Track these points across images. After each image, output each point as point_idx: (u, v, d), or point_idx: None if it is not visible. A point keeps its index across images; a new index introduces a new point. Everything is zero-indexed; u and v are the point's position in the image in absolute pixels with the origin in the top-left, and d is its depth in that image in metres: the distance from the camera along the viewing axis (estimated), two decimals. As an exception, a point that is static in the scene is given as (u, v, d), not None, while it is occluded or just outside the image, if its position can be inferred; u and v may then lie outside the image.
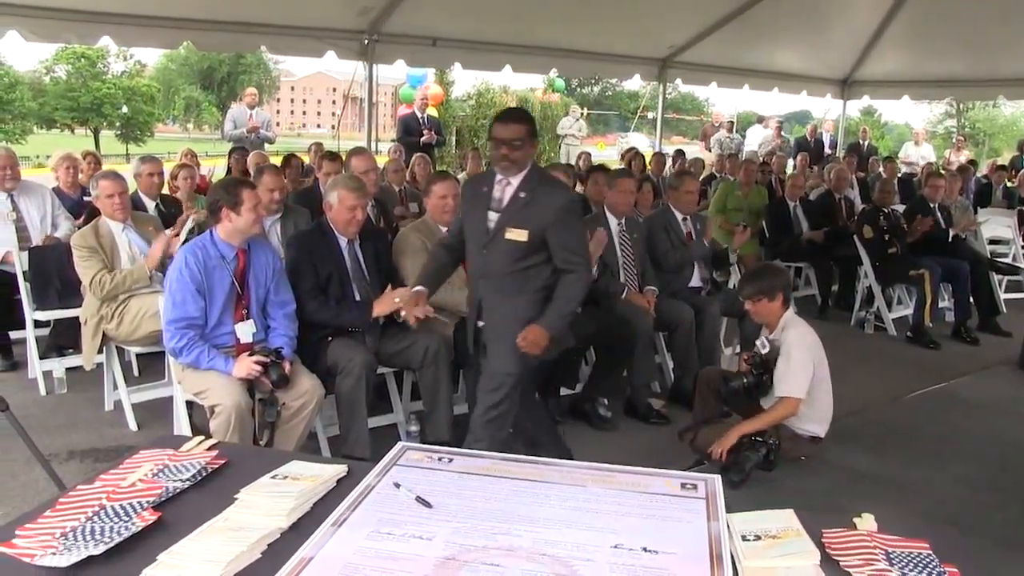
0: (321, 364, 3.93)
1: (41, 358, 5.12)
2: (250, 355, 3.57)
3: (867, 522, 1.82)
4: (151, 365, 5.26)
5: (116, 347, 4.66)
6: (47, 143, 29.33)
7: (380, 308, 4.00)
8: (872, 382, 5.59)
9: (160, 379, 4.84)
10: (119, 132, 44.32)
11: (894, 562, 1.63)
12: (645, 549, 1.70)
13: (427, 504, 1.89)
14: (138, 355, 5.25)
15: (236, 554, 1.66)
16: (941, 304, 7.24)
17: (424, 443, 4.18)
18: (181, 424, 3.95)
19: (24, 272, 5.00)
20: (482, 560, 1.66)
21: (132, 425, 4.60)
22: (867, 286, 7.23)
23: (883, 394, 5.36)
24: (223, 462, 2.13)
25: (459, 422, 4.26)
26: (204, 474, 2.06)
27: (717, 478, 2.04)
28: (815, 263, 7.52)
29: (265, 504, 1.87)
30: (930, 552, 1.67)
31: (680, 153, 11.89)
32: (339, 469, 2.08)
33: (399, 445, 2.25)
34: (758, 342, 4.05)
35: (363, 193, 4.19)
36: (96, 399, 4.90)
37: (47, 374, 5.12)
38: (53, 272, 4.98)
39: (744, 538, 1.73)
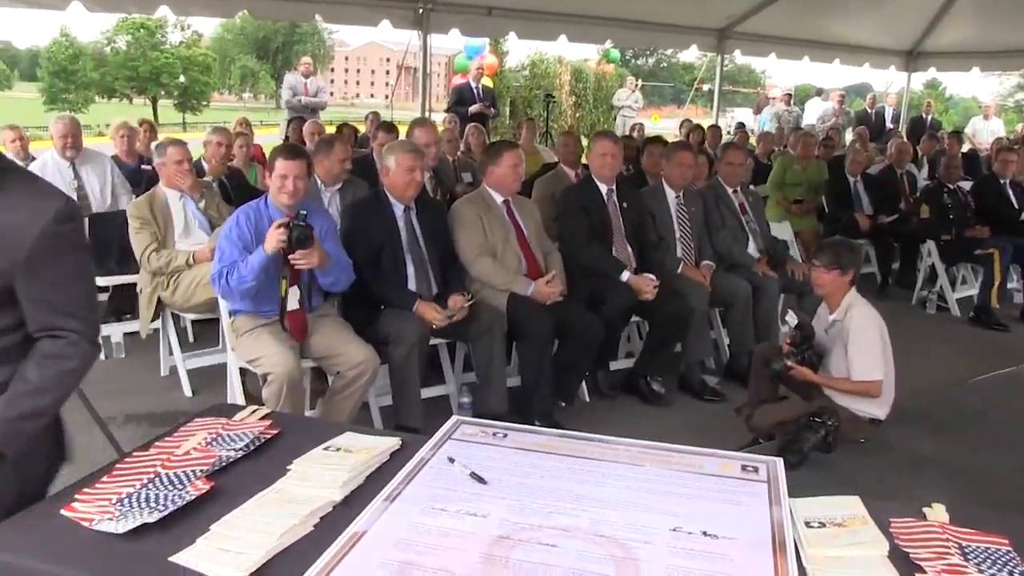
0: (374, 333, 3.91)
1: (101, 323, 5.18)
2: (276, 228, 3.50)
3: (938, 512, 1.74)
4: (206, 332, 5.30)
5: (172, 314, 4.71)
6: (108, 112, 29.77)
7: (423, 309, 3.95)
8: (934, 364, 5.42)
9: (215, 346, 4.88)
10: (176, 101, 44.82)
11: (969, 557, 1.56)
12: (705, 533, 1.65)
13: (482, 480, 1.86)
14: (194, 322, 5.30)
15: (289, 526, 1.65)
16: (1010, 285, 6.99)
17: (476, 415, 4.18)
18: (235, 391, 3.97)
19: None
20: (538, 540, 1.62)
21: (187, 391, 4.66)
22: (930, 264, 7.02)
23: (946, 377, 5.19)
24: (276, 432, 2.13)
25: (512, 394, 4.24)
26: (257, 444, 2.05)
27: (779, 461, 1.98)
28: (875, 240, 7.31)
29: (318, 476, 1.86)
30: (1010, 549, 1.59)
31: (740, 126, 11.66)
32: (392, 442, 2.06)
33: (453, 419, 2.22)
34: (814, 319, 3.94)
35: (420, 155, 4.14)
36: (153, 364, 4.97)
37: (106, 339, 5.18)
38: (113, 239, 5.03)
39: (808, 524, 1.68)
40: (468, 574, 1.51)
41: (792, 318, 3.86)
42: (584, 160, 5.60)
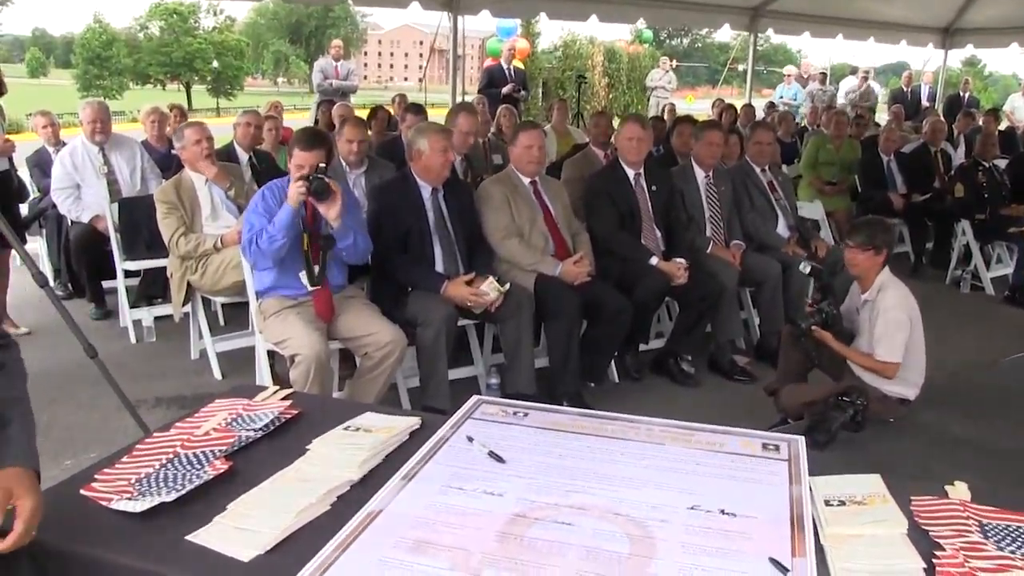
0: (401, 315, 3.92)
1: (131, 307, 5.27)
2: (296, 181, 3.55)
3: (960, 490, 1.72)
4: (237, 316, 5.35)
5: (202, 297, 4.76)
6: (141, 98, 30.05)
7: (454, 290, 3.96)
8: (968, 344, 5.34)
9: (245, 329, 4.92)
10: (210, 86, 45.20)
11: (989, 534, 1.54)
12: (723, 511, 1.65)
13: (500, 459, 1.87)
14: (224, 305, 5.36)
15: (305, 505, 1.66)
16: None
17: (505, 396, 4.19)
18: (263, 374, 4.01)
19: (115, 223, 5.13)
20: (553, 518, 1.63)
21: (217, 374, 4.70)
22: (964, 243, 6.90)
23: (980, 356, 5.11)
24: (296, 412, 2.14)
25: (541, 375, 4.24)
26: (277, 424, 2.07)
27: (800, 439, 1.97)
28: (909, 219, 7.20)
29: (336, 456, 1.88)
30: (1031, 525, 1.57)
31: (772, 106, 11.51)
32: (412, 421, 2.07)
33: (474, 398, 2.23)
34: (847, 298, 3.88)
35: (449, 135, 4.16)
36: (183, 348, 5.01)
37: (137, 323, 5.26)
38: (142, 224, 5.08)
39: (828, 503, 1.66)
40: (482, 552, 1.51)
41: (805, 266, 3.83)
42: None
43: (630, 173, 4.67)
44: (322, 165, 3.56)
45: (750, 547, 1.52)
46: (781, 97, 12.39)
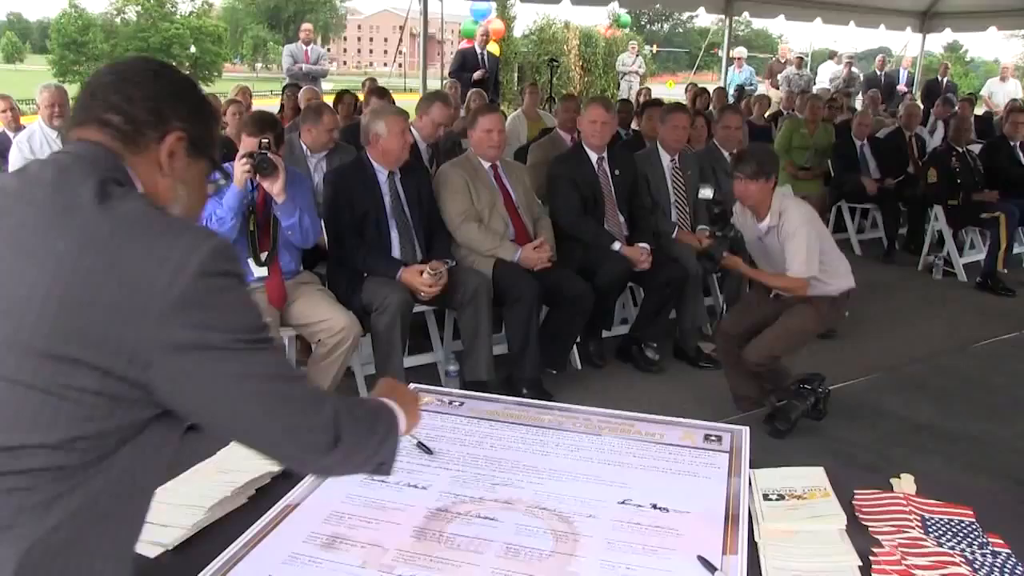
0: (357, 302, 3.84)
1: None
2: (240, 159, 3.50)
3: (906, 483, 1.65)
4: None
5: None
6: (118, 84, 29.63)
7: (410, 277, 3.87)
8: (939, 329, 5.30)
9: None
10: (188, 72, 44.73)
11: (930, 530, 1.46)
12: (655, 506, 1.57)
13: (428, 450, 1.78)
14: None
15: (219, 499, 1.57)
16: (1017, 249, 6.83)
17: (463, 383, 4.11)
18: None
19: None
20: (476, 512, 1.55)
21: None
22: (937, 229, 6.85)
23: (950, 342, 5.06)
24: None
25: (501, 362, 4.17)
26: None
27: (744, 430, 1.89)
28: (882, 204, 7.15)
29: (258, 448, 1.78)
30: (973, 520, 1.50)
31: (740, 90, 11.41)
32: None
33: (410, 387, 2.13)
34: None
35: (407, 117, 4.07)
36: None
37: None
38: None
39: (767, 497, 1.59)
40: (398, 549, 1.43)
41: (707, 191, 3.82)
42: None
43: (593, 157, 4.57)
44: (264, 141, 3.48)
45: (679, 544, 1.44)
46: (730, 83, 12.19)
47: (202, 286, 1.00)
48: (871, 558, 1.39)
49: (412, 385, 2.13)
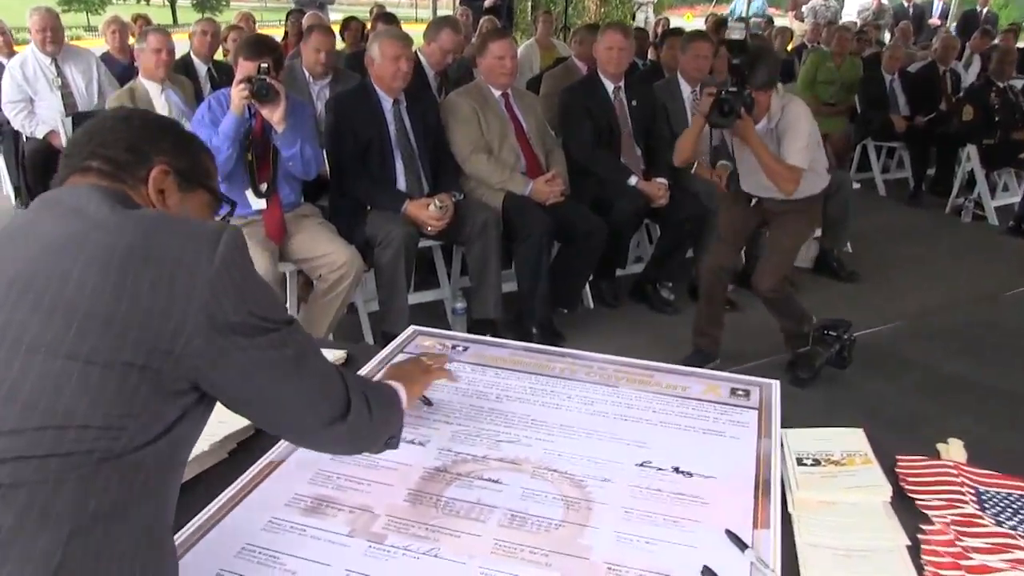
0: (360, 236, 3.68)
1: None
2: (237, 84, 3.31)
3: (955, 450, 1.48)
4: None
5: None
6: (125, 12, 29.17)
7: (416, 210, 3.69)
8: (968, 276, 5.07)
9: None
10: (195, 1, 43.86)
11: (986, 505, 1.30)
12: (677, 470, 1.41)
13: (427, 402, 1.62)
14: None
15: (197, 453, 1.41)
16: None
17: (471, 321, 3.97)
18: None
19: (69, 139, 4.81)
20: (478, 474, 1.39)
21: None
22: (968, 170, 6.57)
23: (980, 290, 4.84)
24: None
25: (508, 300, 4.02)
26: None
27: (774, 384, 1.72)
28: (911, 143, 6.86)
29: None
30: (1036, 496, 1.33)
31: (769, 21, 11.00)
32: (336, 355, 1.82)
33: (410, 329, 1.98)
34: None
35: (407, 43, 3.83)
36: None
37: None
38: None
39: (800, 462, 1.42)
40: (389, 515, 1.28)
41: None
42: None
43: (609, 86, 4.34)
44: (264, 66, 3.27)
45: (705, 515, 1.29)
46: (731, 14, 11.67)
47: (235, 270, 1.00)
48: (920, 536, 1.23)
49: (411, 328, 1.98)
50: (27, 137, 5.32)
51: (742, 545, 1.20)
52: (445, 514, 1.28)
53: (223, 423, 1.51)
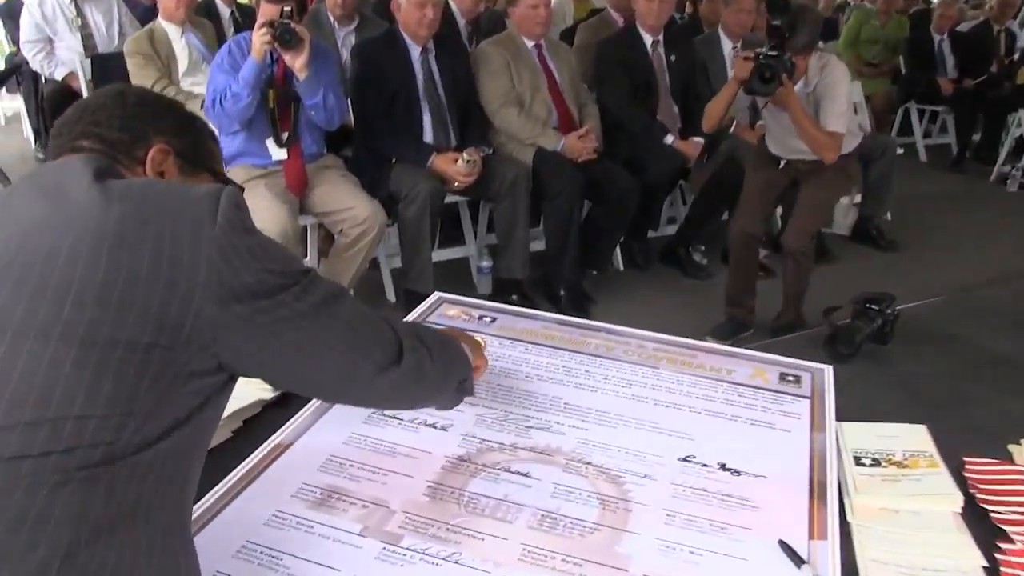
0: (384, 189, 3.56)
1: None
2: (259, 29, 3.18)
3: (1032, 452, 1.35)
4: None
5: None
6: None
7: (442, 164, 3.56)
8: (1014, 248, 4.86)
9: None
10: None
11: (1075, 523, 1.16)
12: (724, 467, 1.28)
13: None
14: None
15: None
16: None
17: (496, 281, 3.85)
18: None
19: (88, 81, 4.69)
20: (506, 465, 1.27)
21: None
22: (1017, 136, 6.31)
23: (1027, 264, 4.67)
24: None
25: (536, 260, 3.90)
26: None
27: (827, 369, 1.60)
28: (957, 107, 6.60)
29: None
30: None
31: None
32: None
33: (434, 296, 1.85)
34: None
35: None
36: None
37: None
38: (117, 81, 4.66)
39: (858, 461, 1.30)
40: (406, 511, 1.16)
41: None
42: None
43: (647, 40, 4.17)
44: (287, 9, 3.13)
45: (755, 521, 1.16)
46: None
47: (240, 228, 0.88)
48: (998, 556, 1.10)
49: (436, 294, 1.86)
50: (46, 79, 5.22)
51: (798, 560, 1.08)
52: (468, 512, 1.16)
53: (232, 399, 1.41)
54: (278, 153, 3.35)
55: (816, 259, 3.66)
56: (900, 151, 4.93)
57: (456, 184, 3.57)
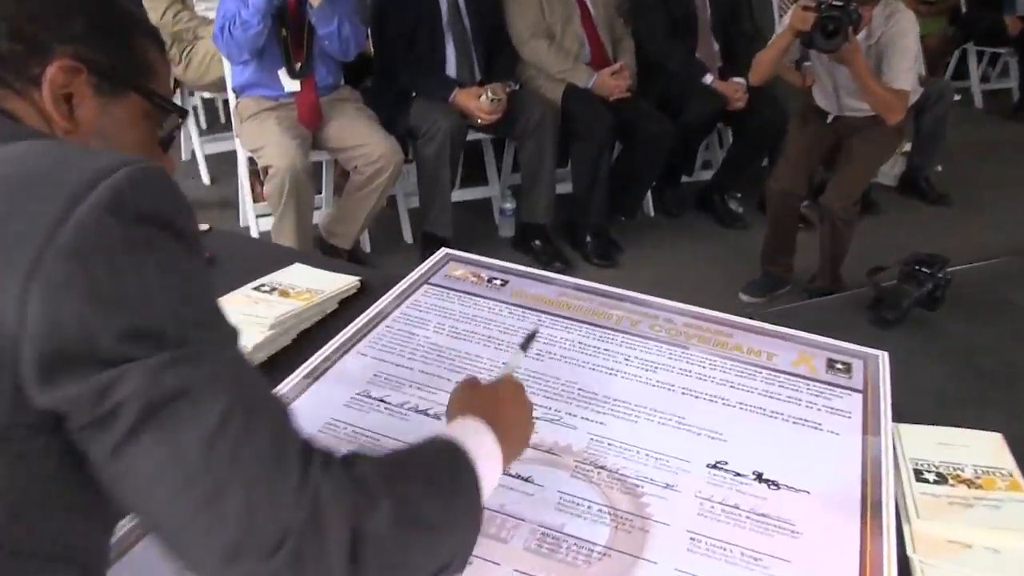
0: (402, 125, 3.38)
1: None
2: None
3: None
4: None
5: (190, 93, 4.24)
6: None
7: (465, 100, 3.35)
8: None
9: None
10: None
11: None
12: (760, 477, 1.09)
13: (529, 340, 1.32)
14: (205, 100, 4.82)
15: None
16: None
17: (519, 224, 3.66)
18: (243, 184, 3.53)
19: None
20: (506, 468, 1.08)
21: (205, 179, 4.28)
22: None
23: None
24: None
25: (561, 203, 3.70)
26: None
27: (882, 357, 1.38)
28: (1022, 49, 6.19)
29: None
30: None
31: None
32: (347, 283, 1.52)
33: (441, 252, 1.66)
34: None
35: None
36: (173, 147, 4.53)
37: None
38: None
39: (920, 475, 1.10)
40: (385, 521, 0.99)
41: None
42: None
43: (689, -30, 3.89)
44: None
45: (795, 551, 0.98)
46: None
47: (111, 241, 0.58)
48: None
49: (443, 250, 1.66)
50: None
51: (849, 608, 0.90)
52: (457, 525, 0.99)
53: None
54: (291, 84, 3.17)
55: (860, 212, 3.41)
56: (957, 97, 4.62)
57: (479, 121, 3.37)
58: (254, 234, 3.49)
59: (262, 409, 0.64)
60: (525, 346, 1.14)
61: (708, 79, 3.82)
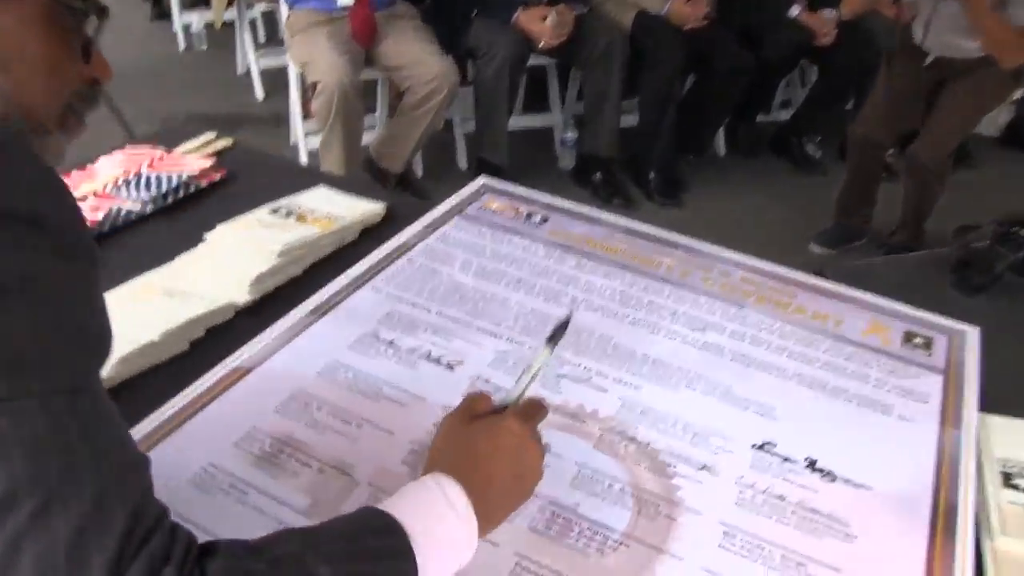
0: (461, 45, 3.22)
1: (185, 10, 4.82)
2: None
3: None
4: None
5: (248, 5, 4.17)
6: None
7: (529, 21, 3.16)
8: None
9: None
10: None
11: None
12: (813, 465, 0.94)
13: (561, 329, 1.18)
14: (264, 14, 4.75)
15: (144, 343, 1.03)
16: None
17: (580, 156, 3.50)
18: (293, 99, 3.43)
19: None
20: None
21: (259, 93, 4.21)
22: None
23: None
24: (218, 177, 1.48)
25: (626, 136, 3.52)
26: (182, 193, 1.42)
27: (971, 333, 1.20)
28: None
29: (230, 260, 1.21)
30: None
31: None
32: (372, 209, 1.38)
33: (479, 181, 1.51)
34: None
35: None
36: (231, 61, 4.50)
37: (186, 28, 4.81)
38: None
39: (1009, 479, 0.94)
40: (375, 485, 0.87)
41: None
42: None
43: None
44: None
45: (847, 558, 0.83)
46: None
47: None
48: None
49: (481, 180, 1.51)
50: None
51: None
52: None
53: (197, 297, 1.12)
54: (344, -1, 3.02)
55: (953, 163, 3.14)
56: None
57: (542, 44, 3.18)
58: (302, 152, 3.39)
59: (70, 494, 0.48)
60: (554, 339, 0.85)
61: (795, 11, 3.55)
